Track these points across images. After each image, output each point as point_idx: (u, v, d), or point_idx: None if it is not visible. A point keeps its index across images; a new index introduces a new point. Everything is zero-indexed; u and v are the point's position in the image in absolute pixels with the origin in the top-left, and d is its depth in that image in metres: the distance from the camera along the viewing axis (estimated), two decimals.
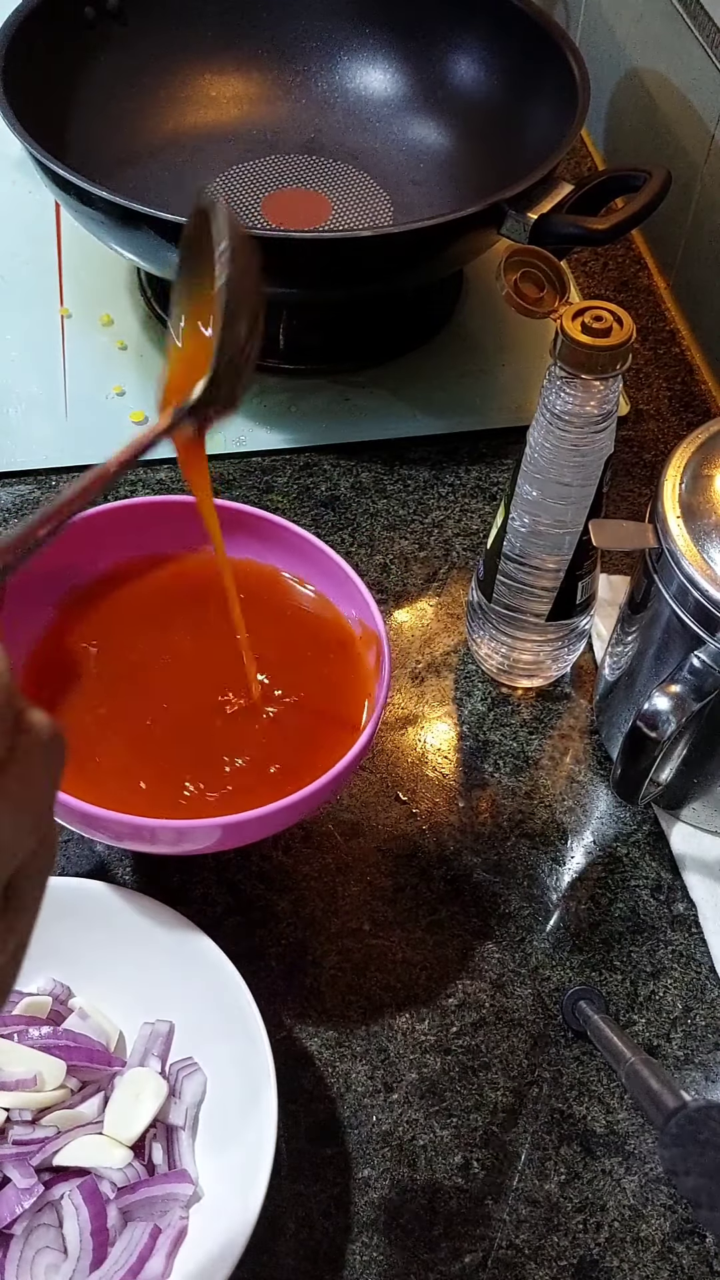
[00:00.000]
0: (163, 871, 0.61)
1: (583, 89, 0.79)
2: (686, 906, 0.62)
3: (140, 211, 0.69)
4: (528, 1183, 0.53)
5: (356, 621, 0.59)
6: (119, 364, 0.84)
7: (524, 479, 0.59)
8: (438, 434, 0.81)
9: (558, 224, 0.72)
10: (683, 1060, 0.57)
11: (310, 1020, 0.57)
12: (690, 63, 0.86)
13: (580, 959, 0.60)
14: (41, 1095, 0.51)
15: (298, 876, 0.61)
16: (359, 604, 0.58)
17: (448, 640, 0.71)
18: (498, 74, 0.89)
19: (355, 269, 0.75)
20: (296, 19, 0.93)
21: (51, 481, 0.77)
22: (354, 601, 0.59)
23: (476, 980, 0.59)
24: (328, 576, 0.60)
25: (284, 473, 0.78)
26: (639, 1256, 0.52)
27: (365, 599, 0.57)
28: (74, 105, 0.86)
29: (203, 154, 0.91)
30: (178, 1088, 0.52)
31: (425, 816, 0.64)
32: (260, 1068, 0.50)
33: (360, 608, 0.58)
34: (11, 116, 0.73)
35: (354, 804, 0.64)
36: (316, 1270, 0.51)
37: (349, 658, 0.59)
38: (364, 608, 0.58)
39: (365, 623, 0.58)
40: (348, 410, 0.82)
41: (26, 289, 0.88)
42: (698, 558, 0.52)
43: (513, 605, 0.64)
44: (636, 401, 0.84)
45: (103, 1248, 0.48)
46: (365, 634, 0.58)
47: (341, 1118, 0.54)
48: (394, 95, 0.94)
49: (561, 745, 0.67)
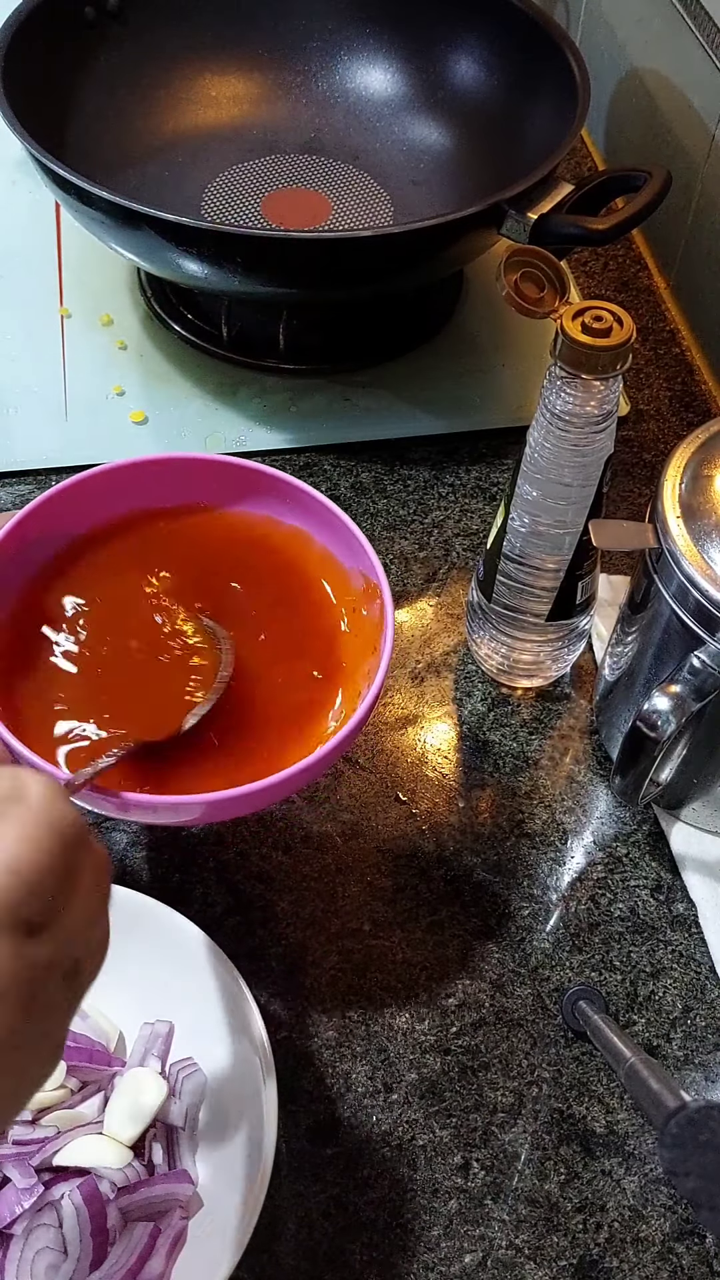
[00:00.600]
0: (163, 871, 0.61)
1: (583, 89, 0.79)
2: (686, 906, 0.62)
3: (140, 211, 0.69)
4: (528, 1183, 0.53)
5: (359, 574, 0.58)
6: (119, 364, 0.84)
7: (524, 479, 0.59)
8: (438, 434, 0.81)
9: (558, 224, 0.72)
10: (683, 1060, 0.57)
11: (310, 1020, 0.57)
12: (690, 63, 0.86)
13: (580, 959, 0.60)
14: (41, 1095, 0.51)
15: (298, 876, 0.61)
16: (358, 555, 0.57)
17: (448, 640, 0.71)
18: (498, 74, 0.89)
19: (355, 269, 0.75)
20: (296, 19, 0.93)
21: (51, 481, 0.77)
22: (354, 553, 0.58)
23: (476, 980, 0.59)
24: (327, 528, 0.59)
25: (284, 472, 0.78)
26: (639, 1257, 0.52)
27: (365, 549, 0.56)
28: (74, 105, 0.86)
29: (203, 154, 0.91)
30: (178, 1088, 0.52)
31: (425, 816, 0.64)
32: (260, 1068, 0.50)
33: (360, 559, 0.57)
34: (11, 116, 0.73)
35: (354, 804, 0.64)
36: (316, 1270, 0.51)
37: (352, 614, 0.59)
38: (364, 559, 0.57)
39: (367, 574, 0.57)
40: (348, 410, 0.82)
41: (26, 289, 0.88)
42: (698, 558, 0.52)
43: (513, 605, 0.64)
44: (636, 401, 0.84)
45: (103, 1248, 0.48)
46: (368, 587, 0.58)
47: (341, 1118, 0.54)
48: (394, 95, 0.94)
49: (561, 745, 0.67)
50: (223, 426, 0.81)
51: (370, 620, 0.57)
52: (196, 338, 0.84)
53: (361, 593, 0.58)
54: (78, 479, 0.58)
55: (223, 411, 0.81)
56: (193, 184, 0.89)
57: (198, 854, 0.61)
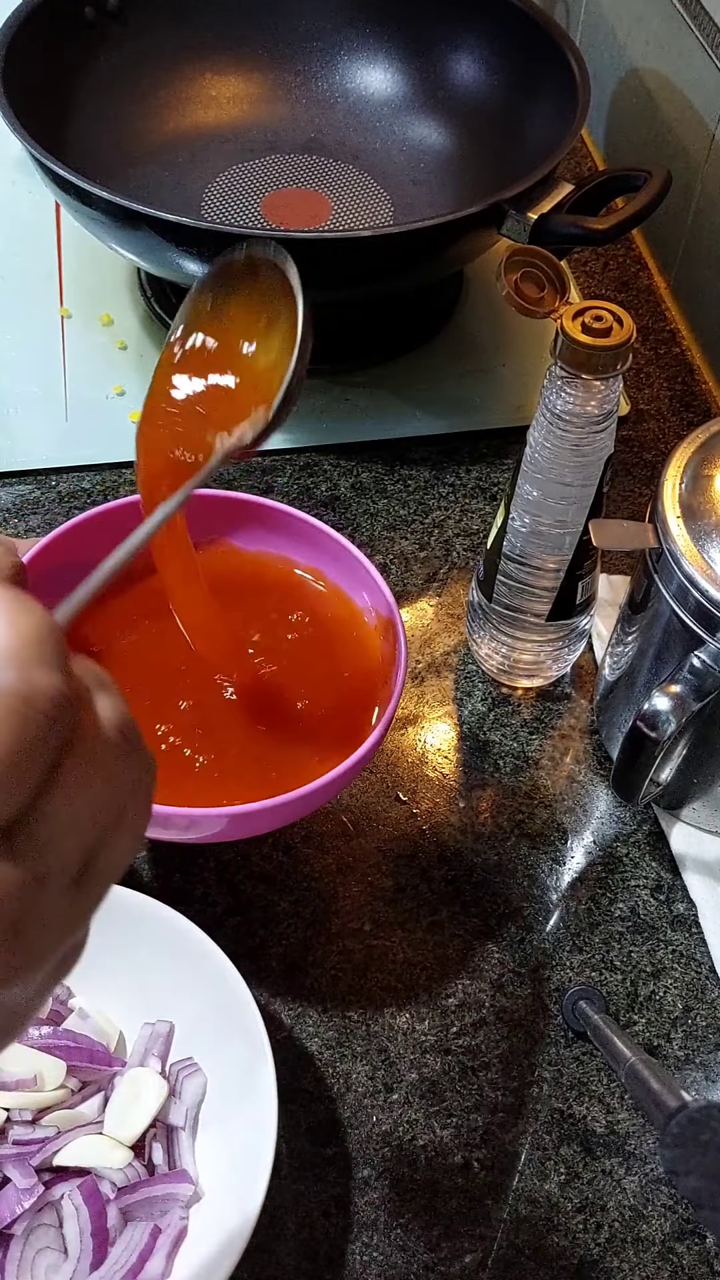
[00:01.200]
0: (163, 871, 0.61)
1: (583, 89, 0.79)
2: (686, 906, 0.62)
3: (140, 211, 0.69)
4: (528, 1183, 0.53)
5: (370, 610, 0.59)
6: (119, 364, 0.84)
7: (524, 479, 0.59)
8: (438, 434, 0.81)
9: (558, 224, 0.72)
10: (683, 1060, 0.57)
11: (310, 1020, 0.57)
12: (690, 63, 0.86)
13: (580, 959, 0.60)
14: (41, 1095, 0.51)
15: (298, 876, 0.61)
16: (371, 589, 0.58)
17: (448, 640, 0.71)
18: (498, 74, 0.89)
19: (355, 269, 0.75)
20: (296, 19, 0.93)
21: (51, 481, 0.77)
22: (366, 587, 0.59)
23: (476, 980, 0.59)
24: (339, 563, 0.60)
25: (284, 473, 0.78)
26: (639, 1257, 0.52)
27: (378, 584, 0.57)
28: (74, 105, 0.86)
29: (203, 154, 0.91)
30: (178, 1088, 0.52)
31: (425, 816, 0.64)
32: (260, 1068, 0.50)
33: (373, 593, 0.58)
34: (11, 116, 0.73)
35: (354, 804, 0.64)
36: (316, 1270, 0.51)
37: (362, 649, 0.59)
38: (376, 593, 0.58)
39: (379, 610, 0.58)
40: (348, 410, 0.82)
41: (26, 289, 0.88)
42: (698, 558, 0.52)
43: (513, 605, 0.64)
44: (636, 401, 0.84)
45: (103, 1248, 0.48)
46: (380, 622, 0.58)
47: (341, 1118, 0.54)
48: (394, 95, 0.94)
49: (561, 745, 0.67)
50: None
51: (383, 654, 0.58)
52: None
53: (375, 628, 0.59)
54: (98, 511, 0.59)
55: None
56: (193, 184, 0.89)
57: (198, 854, 0.61)
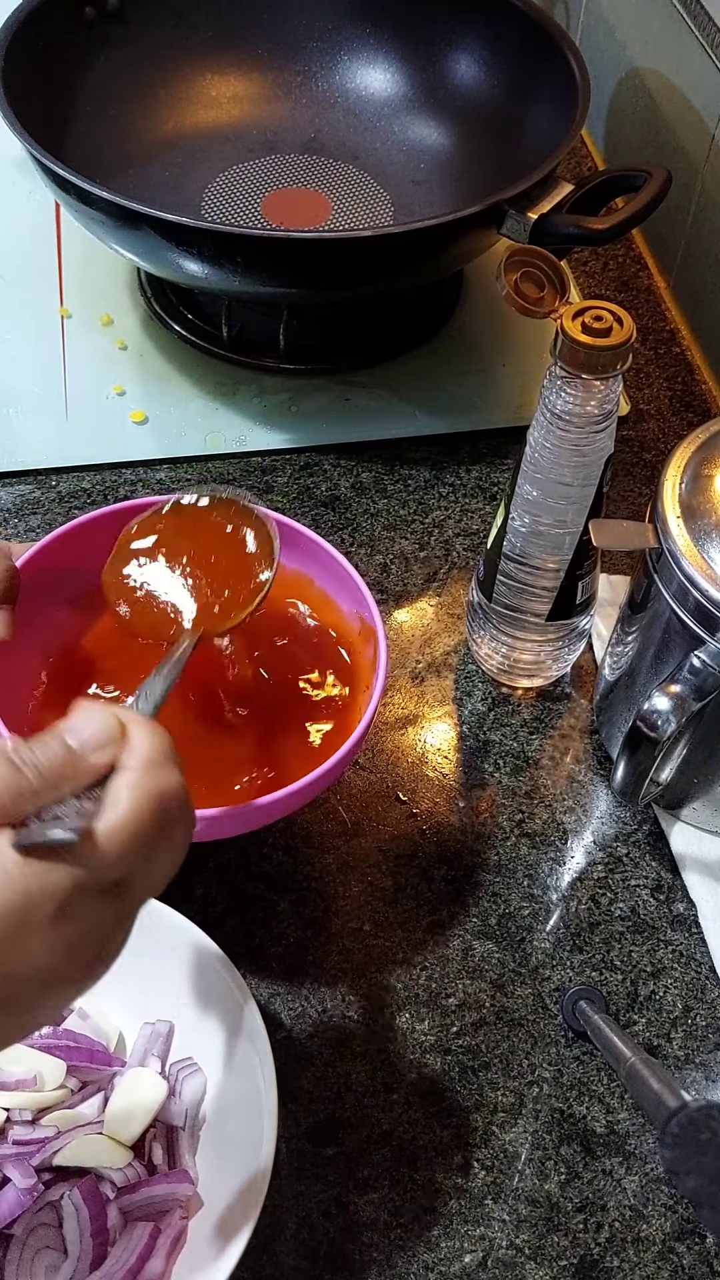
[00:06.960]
0: None
1: (583, 89, 0.79)
2: (686, 906, 0.61)
3: (140, 211, 0.69)
4: (528, 1183, 0.53)
5: (355, 617, 0.59)
6: (119, 364, 0.84)
7: (524, 479, 0.59)
8: (438, 434, 0.81)
9: (558, 224, 0.72)
10: (683, 1060, 0.57)
11: (310, 1020, 0.57)
12: (690, 63, 0.86)
13: (580, 959, 0.60)
14: (41, 1095, 0.51)
15: (298, 876, 0.61)
16: (356, 598, 0.58)
17: (448, 640, 0.71)
18: (498, 74, 0.89)
19: (355, 269, 0.75)
20: (296, 19, 0.93)
21: (51, 481, 0.77)
22: (352, 596, 0.59)
23: (476, 980, 0.59)
24: (327, 571, 0.60)
25: (284, 472, 0.78)
26: (639, 1256, 0.52)
27: (363, 593, 0.58)
28: (74, 105, 0.86)
29: (203, 154, 0.91)
30: (178, 1088, 0.52)
31: (425, 816, 0.64)
32: (260, 1068, 0.50)
33: (358, 602, 0.58)
34: (11, 116, 0.73)
35: (354, 804, 0.64)
36: (316, 1270, 0.51)
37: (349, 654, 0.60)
38: (361, 602, 0.58)
39: (364, 617, 0.58)
40: (348, 410, 0.82)
41: (26, 289, 0.88)
42: (698, 558, 0.52)
43: (513, 605, 0.64)
44: (636, 401, 0.84)
45: (103, 1248, 0.48)
46: (364, 629, 0.59)
47: (341, 1118, 0.54)
48: (394, 95, 0.94)
49: (561, 745, 0.67)
50: (223, 426, 0.80)
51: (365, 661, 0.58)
52: (196, 338, 0.84)
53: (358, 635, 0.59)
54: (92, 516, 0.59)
55: (223, 411, 0.81)
56: (193, 184, 0.89)
57: (198, 854, 0.61)
